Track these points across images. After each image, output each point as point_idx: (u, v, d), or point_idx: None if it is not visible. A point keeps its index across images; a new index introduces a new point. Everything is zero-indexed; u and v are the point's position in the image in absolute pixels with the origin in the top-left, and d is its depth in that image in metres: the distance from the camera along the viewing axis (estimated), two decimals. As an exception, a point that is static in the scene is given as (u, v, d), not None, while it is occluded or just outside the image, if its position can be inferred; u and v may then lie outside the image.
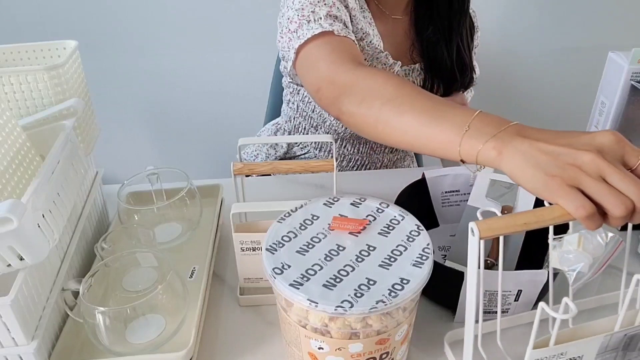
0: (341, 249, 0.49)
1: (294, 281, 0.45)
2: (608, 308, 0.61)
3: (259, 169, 0.67)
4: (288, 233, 0.51)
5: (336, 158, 1.01)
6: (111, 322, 0.51)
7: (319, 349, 0.46)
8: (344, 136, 0.98)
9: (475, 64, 1.00)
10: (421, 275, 0.45)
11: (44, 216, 0.48)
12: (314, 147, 1.01)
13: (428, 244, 0.49)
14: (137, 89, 1.58)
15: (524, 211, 0.43)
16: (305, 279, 0.45)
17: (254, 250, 0.59)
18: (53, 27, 1.44)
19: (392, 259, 0.47)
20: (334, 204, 0.55)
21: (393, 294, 0.43)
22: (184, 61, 1.54)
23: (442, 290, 0.47)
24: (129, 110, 1.62)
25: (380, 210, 0.54)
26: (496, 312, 0.50)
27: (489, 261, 0.67)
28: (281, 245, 0.49)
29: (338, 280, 0.45)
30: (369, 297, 0.43)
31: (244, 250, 0.59)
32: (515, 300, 0.57)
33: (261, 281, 0.61)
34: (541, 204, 0.43)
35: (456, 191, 0.72)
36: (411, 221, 0.52)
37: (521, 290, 0.56)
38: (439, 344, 0.56)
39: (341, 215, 0.53)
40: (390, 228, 0.51)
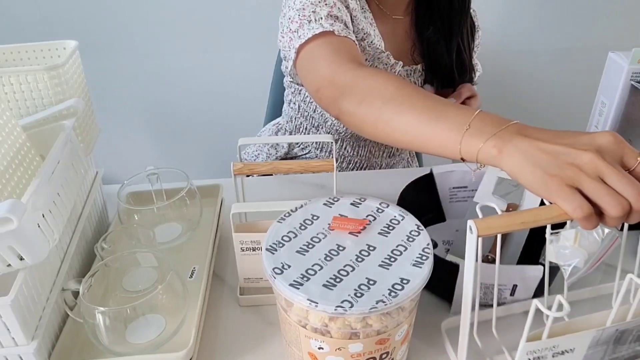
0: (341, 249, 0.49)
1: (294, 281, 0.45)
2: (600, 301, 0.62)
3: (259, 169, 0.67)
4: (288, 233, 0.51)
5: (336, 159, 1.01)
6: (111, 322, 0.51)
7: (319, 349, 0.46)
8: (344, 137, 0.98)
9: (477, 62, 1.00)
10: (421, 275, 0.45)
11: (44, 216, 0.48)
12: (315, 147, 1.01)
13: (428, 244, 0.49)
14: (137, 89, 1.58)
15: (521, 210, 0.43)
16: (305, 279, 0.45)
17: (254, 250, 0.59)
18: (53, 27, 1.44)
19: (392, 259, 0.47)
20: (334, 204, 0.55)
21: (393, 294, 0.43)
22: (184, 61, 1.54)
23: (440, 281, 0.48)
24: (129, 110, 1.62)
25: (380, 210, 0.54)
26: (491, 305, 0.51)
27: (490, 256, 0.67)
28: (281, 245, 0.49)
29: (338, 280, 0.45)
30: (369, 297, 0.43)
31: (244, 250, 0.59)
32: (510, 294, 0.58)
33: (261, 281, 0.61)
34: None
35: (464, 187, 0.73)
36: (411, 221, 0.52)
37: (516, 285, 0.57)
38: (436, 331, 0.58)
39: (341, 215, 0.53)
40: (390, 228, 0.51)
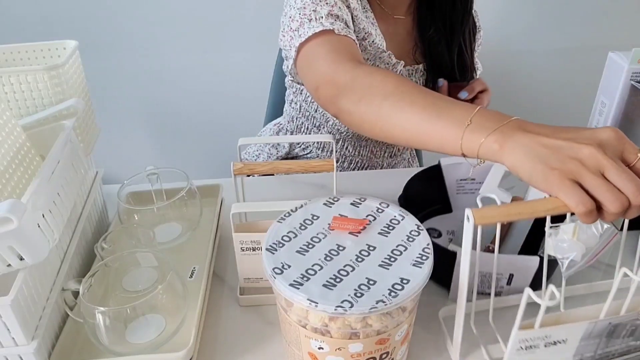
0: (341, 249, 0.49)
1: (294, 281, 0.45)
2: (598, 298, 0.62)
3: (258, 169, 0.67)
4: (288, 233, 0.51)
5: (337, 159, 1.01)
6: (111, 322, 0.51)
7: (319, 349, 0.46)
8: (346, 137, 0.98)
9: (477, 60, 1.00)
10: (421, 275, 0.45)
11: (44, 216, 0.48)
12: (316, 147, 1.01)
13: (428, 244, 0.49)
14: (137, 89, 1.58)
15: (519, 202, 0.43)
16: (305, 279, 0.45)
17: (254, 250, 0.59)
18: (53, 27, 1.44)
19: (392, 259, 0.47)
20: (334, 204, 0.55)
21: (393, 294, 0.43)
22: (184, 61, 1.54)
23: (440, 269, 0.48)
24: (129, 110, 1.62)
25: (380, 210, 0.54)
26: (488, 293, 0.52)
27: (491, 247, 0.67)
28: (281, 245, 0.49)
29: (338, 280, 0.45)
30: (369, 297, 0.43)
31: (244, 250, 0.59)
32: (507, 284, 0.58)
33: (261, 281, 0.61)
34: None
35: (471, 180, 0.74)
36: (411, 221, 0.52)
37: (513, 274, 0.57)
38: (435, 318, 0.59)
39: (341, 215, 0.53)
40: (390, 228, 0.51)
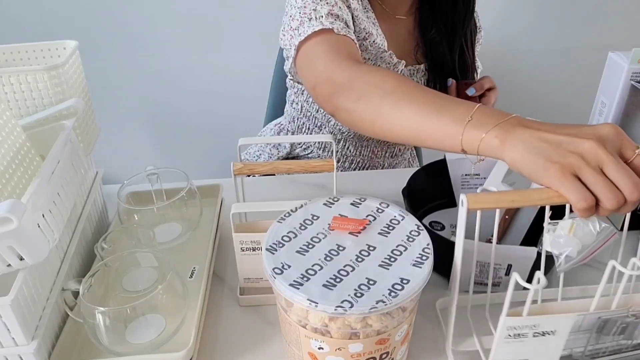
0: (341, 249, 0.49)
1: (294, 281, 0.45)
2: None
3: (258, 169, 0.67)
4: (288, 233, 0.51)
5: (338, 159, 1.01)
6: (111, 322, 0.51)
7: (319, 349, 0.46)
8: (347, 137, 0.98)
9: (477, 59, 1.00)
10: (421, 275, 0.45)
11: (44, 216, 0.48)
12: (317, 147, 1.01)
13: (428, 244, 0.49)
14: (137, 89, 1.58)
15: (514, 190, 0.44)
16: (305, 279, 0.45)
17: (254, 250, 0.59)
18: (53, 27, 1.44)
19: (392, 259, 0.47)
20: (334, 204, 0.55)
21: (393, 294, 0.43)
22: (184, 61, 1.54)
23: (440, 260, 0.49)
24: (129, 110, 1.62)
25: (380, 210, 0.54)
26: (487, 283, 0.52)
27: (491, 239, 0.68)
28: (281, 245, 0.49)
29: (338, 280, 0.45)
30: (369, 297, 0.43)
31: (244, 250, 0.59)
32: (506, 274, 0.59)
33: (261, 281, 0.61)
34: None
35: (476, 175, 0.74)
36: (411, 221, 0.52)
37: (511, 265, 0.58)
38: (434, 308, 0.60)
39: (341, 215, 0.53)
40: (390, 228, 0.51)
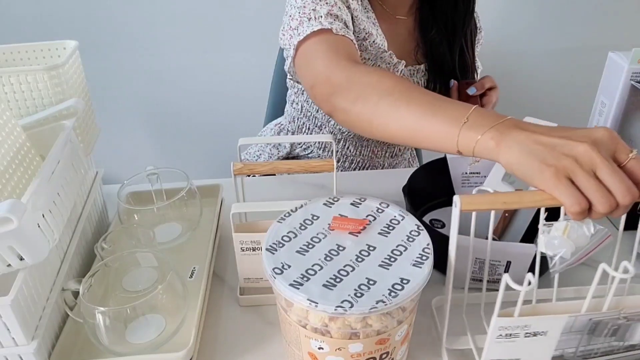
0: (341, 249, 0.49)
1: (294, 281, 0.45)
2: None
3: (258, 169, 0.67)
4: (288, 233, 0.51)
5: (339, 159, 1.01)
6: (111, 322, 0.51)
7: (319, 349, 0.46)
8: (347, 137, 0.98)
9: (477, 59, 1.00)
10: (421, 275, 0.45)
11: (44, 216, 0.48)
12: (317, 147, 1.01)
13: (428, 244, 0.49)
14: (137, 89, 1.58)
15: (506, 191, 0.44)
16: (305, 279, 0.45)
17: (254, 250, 0.59)
18: (53, 27, 1.44)
19: (392, 259, 0.47)
20: (334, 204, 0.55)
21: (393, 294, 0.43)
22: (184, 61, 1.54)
23: (439, 257, 0.49)
24: (129, 110, 1.62)
25: (380, 210, 0.54)
26: (488, 281, 0.53)
27: (493, 237, 0.68)
28: (281, 245, 0.49)
29: (338, 280, 0.45)
30: (369, 297, 0.43)
31: (244, 250, 0.59)
32: (505, 271, 0.59)
33: (261, 281, 0.61)
34: None
35: (477, 173, 0.74)
36: (411, 221, 0.52)
37: (510, 261, 0.58)
38: (431, 306, 0.60)
39: (341, 215, 0.53)
40: (390, 228, 0.51)
